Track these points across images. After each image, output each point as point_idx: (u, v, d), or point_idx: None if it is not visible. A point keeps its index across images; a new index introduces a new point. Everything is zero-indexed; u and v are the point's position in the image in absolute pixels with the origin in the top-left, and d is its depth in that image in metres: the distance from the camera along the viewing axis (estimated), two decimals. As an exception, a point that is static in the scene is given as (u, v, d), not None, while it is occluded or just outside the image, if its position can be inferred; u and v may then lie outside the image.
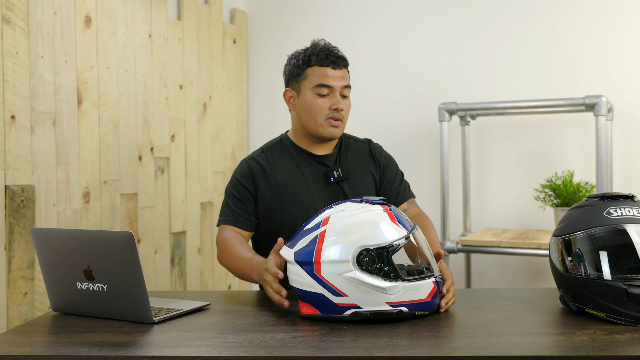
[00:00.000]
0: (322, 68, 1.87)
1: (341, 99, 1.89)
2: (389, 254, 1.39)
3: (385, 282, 1.38)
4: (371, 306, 1.40)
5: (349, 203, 1.50)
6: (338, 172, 1.91)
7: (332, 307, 1.42)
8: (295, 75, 1.92)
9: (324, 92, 1.87)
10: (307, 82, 1.89)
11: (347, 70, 1.93)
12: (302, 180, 1.91)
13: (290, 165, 1.93)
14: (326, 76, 1.87)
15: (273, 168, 1.93)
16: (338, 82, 1.88)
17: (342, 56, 1.92)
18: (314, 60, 1.88)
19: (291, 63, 1.94)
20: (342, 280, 1.39)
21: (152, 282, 2.62)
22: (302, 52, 1.92)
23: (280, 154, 1.96)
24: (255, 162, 1.94)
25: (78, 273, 1.49)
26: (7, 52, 2.00)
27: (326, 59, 1.87)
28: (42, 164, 2.12)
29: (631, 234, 1.36)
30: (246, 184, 1.91)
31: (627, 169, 2.70)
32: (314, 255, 1.42)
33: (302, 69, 1.90)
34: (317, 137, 1.92)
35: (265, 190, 1.90)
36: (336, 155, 1.97)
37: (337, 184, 1.92)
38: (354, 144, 2.03)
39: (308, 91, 1.89)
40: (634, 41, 2.68)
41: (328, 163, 1.94)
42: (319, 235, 1.44)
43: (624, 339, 1.26)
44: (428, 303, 1.44)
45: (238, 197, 1.90)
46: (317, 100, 1.87)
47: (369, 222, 1.41)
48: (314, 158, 1.95)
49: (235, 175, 1.95)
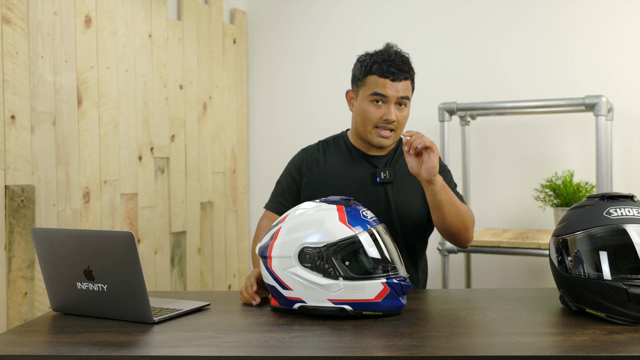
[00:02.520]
0: (381, 79, 1.86)
1: (395, 109, 1.88)
2: (330, 253, 1.44)
3: (324, 280, 1.44)
4: (314, 302, 1.46)
5: (308, 202, 1.57)
6: (385, 174, 1.93)
7: (283, 300, 1.51)
8: (356, 79, 1.94)
9: (379, 99, 1.87)
10: (365, 88, 1.89)
11: (410, 82, 1.92)
12: (347, 176, 1.95)
13: (340, 160, 1.98)
14: (383, 86, 1.86)
15: (324, 160, 2.00)
16: (394, 94, 1.86)
17: (404, 68, 1.89)
18: (375, 69, 1.88)
19: (356, 66, 1.95)
20: (287, 275, 1.48)
21: (152, 282, 2.62)
22: (369, 57, 1.92)
23: (336, 148, 2.02)
24: (307, 153, 2.03)
25: (78, 273, 1.49)
26: (7, 52, 2.00)
27: (387, 70, 1.86)
28: (42, 164, 2.12)
29: (631, 234, 1.36)
30: (293, 172, 2.01)
31: (627, 169, 2.70)
32: (268, 250, 1.52)
33: (363, 75, 1.90)
34: (367, 142, 1.94)
35: (312, 179, 1.97)
36: (389, 158, 1.98)
37: (382, 185, 1.93)
38: None
39: (364, 98, 1.89)
40: (634, 41, 2.68)
41: (378, 164, 1.96)
42: (275, 232, 1.53)
43: (624, 339, 1.26)
44: (377, 304, 1.45)
45: (284, 185, 2.02)
46: (370, 108, 1.88)
47: (316, 221, 1.48)
48: (365, 157, 1.97)
49: (288, 165, 2.05)
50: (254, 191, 3.34)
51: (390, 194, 1.91)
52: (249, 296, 1.66)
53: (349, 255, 1.46)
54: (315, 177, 1.97)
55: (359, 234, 1.46)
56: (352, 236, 1.46)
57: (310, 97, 3.25)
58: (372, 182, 1.93)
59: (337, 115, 3.11)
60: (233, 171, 3.20)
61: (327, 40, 3.20)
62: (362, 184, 1.93)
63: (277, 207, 1.99)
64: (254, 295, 1.66)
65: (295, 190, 1.99)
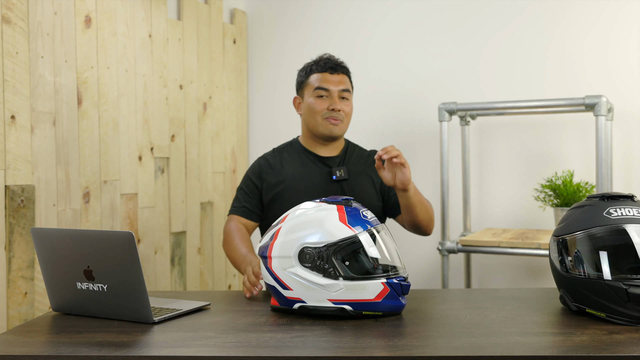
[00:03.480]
0: (321, 74, 2.09)
1: (340, 101, 2.08)
2: (330, 253, 1.44)
3: (324, 280, 1.44)
4: (314, 302, 1.46)
5: (308, 202, 1.58)
6: (340, 172, 2.09)
7: (283, 300, 1.51)
8: (300, 84, 2.16)
9: (322, 94, 2.08)
10: (309, 87, 2.11)
11: (347, 77, 2.13)
12: (304, 177, 2.10)
13: (296, 164, 2.14)
14: (324, 80, 2.08)
15: (280, 165, 2.14)
16: (335, 86, 2.08)
17: (340, 63, 2.13)
18: (314, 68, 2.12)
19: (299, 75, 2.17)
20: (287, 275, 1.48)
21: (152, 282, 2.62)
22: (308, 64, 2.15)
23: (289, 153, 2.17)
24: (265, 160, 2.17)
25: (78, 273, 1.49)
26: (7, 52, 2.00)
27: (324, 65, 2.10)
28: (42, 164, 2.12)
29: (631, 234, 1.36)
30: (254, 179, 2.14)
31: (627, 169, 2.70)
32: (268, 250, 1.52)
33: (305, 77, 2.13)
34: (319, 136, 2.11)
35: (271, 184, 2.11)
36: (341, 157, 2.15)
37: (338, 183, 2.09)
38: (359, 152, 2.22)
39: (309, 95, 2.10)
40: (634, 41, 2.68)
41: (331, 164, 2.12)
42: (275, 232, 1.53)
43: (624, 339, 1.26)
44: (377, 304, 1.45)
45: (245, 190, 2.14)
46: (317, 102, 2.08)
47: (316, 221, 1.48)
48: (318, 159, 2.14)
49: (247, 172, 2.19)
50: (254, 191, 3.34)
51: (347, 191, 2.08)
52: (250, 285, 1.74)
53: (349, 255, 1.46)
54: (275, 181, 2.11)
55: (359, 234, 1.46)
56: (352, 236, 1.46)
57: (310, 97, 3.25)
58: (328, 180, 2.10)
59: (337, 115, 3.11)
60: (233, 171, 3.20)
61: (327, 40, 3.20)
62: (319, 183, 2.08)
63: (242, 210, 2.12)
64: (256, 282, 1.74)
65: (257, 195, 2.13)
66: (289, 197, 2.06)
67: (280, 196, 2.08)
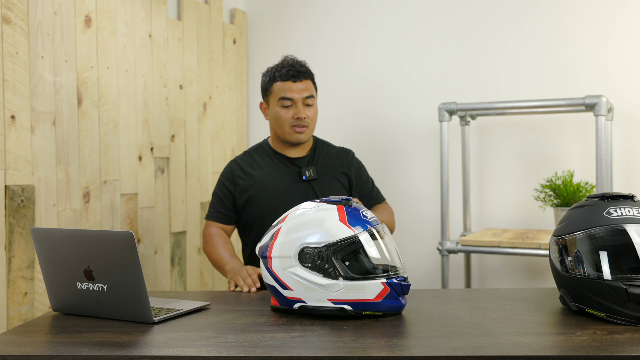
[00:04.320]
0: (284, 82, 2.13)
1: (304, 108, 2.13)
2: (330, 253, 1.44)
3: (324, 280, 1.44)
4: (314, 302, 1.46)
5: (309, 202, 1.58)
6: (309, 172, 2.15)
7: (283, 300, 1.51)
8: (265, 90, 2.20)
9: (287, 104, 2.12)
10: (273, 96, 2.16)
11: (310, 81, 2.17)
12: (274, 179, 2.15)
13: (266, 166, 2.19)
14: (288, 90, 2.12)
15: (251, 168, 2.19)
16: (299, 95, 2.12)
17: (302, 70, 2.15)
18: (277, 75, 2.14)
19: (262, 80, 2.20)
20: (287, 275, 1.48)
21: (152, 282, 2.62)
22: (270, 69, 2.18)
23: (260, 156, 2.22)
24: (236, 164, 2.22)
25: (78, 273, 1.49)
26: (7, 52, 2.00)
27: (286, 74, 2.13)
28: (42, 164, 2.12)
29: (631, 234, 1.36)
30: (227, 183, 2.19)
31: (627, 169, 2.70)
32: (268, 250, 1.52)
33: (269, 85, 2.17)
34: (286, 142, 2.17)
35: (243, 187, 2.16)
36: (309, 157, 2.21)
37: (307, 183, 2.14)
38: (328, 150, 2.28)
39: (274, 104, 2.15)
40: (634, 41, 2.68)
41: (300, 164, 2.18)
42: (275, 232, 1.53)
43: (624, 339, 1.26)
44: (377, 304, 1.45)
45: (219, 195, 2.20)
46: (282, 112, 2.13)
47: (316, 221, 1.48)
48: (288, 160, 2.19)
49: (220, 177, 2.23)
50: (254, 191, 3.34)
51: (317, 190, 2.14)
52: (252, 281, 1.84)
53: (349, 255, 1.46)
54: (247, 184, 2.16)
55: (359, 234, 1.46)
56: (352, 236, 1.46)
57: (310, 97, 3.25)
58: (298, 180, 2.15)
59: (337, 115, 3.11)
60: (233, 171, 3.20)
61: (327, 40, 3.20)
62: (289, 184, 2.14)
63: (218, 216, 2.18)
64: (257, 280, 1.84)
65: (231, 199, 2.17)
66: (260, 199, 2.13)
67: (253, 198, 2.14)
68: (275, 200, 2.11)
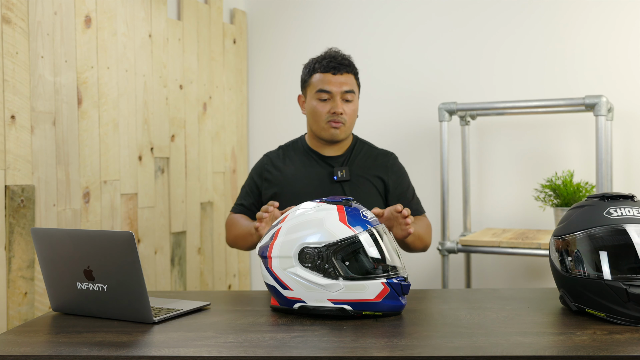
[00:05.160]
0: (324, 74, 2.02)
1: (342, 103, 2.01)
2: (330, 253, 1.44)
3: (324, 280, 1.44)
4: (314, 302, 1.46)
5: (308, 202, 1.57)
6: (342, 173, 2.04)
7: (283, 300, 1.50)
8: (303, 82, 2.09)
9: (324, 97, 2.01)
10: (311, 88, 2.05)
11: (352, 75, 2.05)
12: (304, 177, 2.06)
13: (298, 163, 2.10)
14: (327, 82, 2.01)
15: (283, 164, 2.12)
16: (338, 88, 2.01)
17: (345, 62, 2.03)
18: (317, 67, 2.03)
19: (303, 71, 2.10)
20: (287, 275, 1.47)
21: (152, 282, 2.62)
22: (312, 60, 2.08)
23: (294, 151, 2.14)
24: (268, 158, 2.16)
25: (78, 273, 1.49)
26: (7, 52, 2.00)
27: (327, 65, 2.01)
28: (42, 164, 2.12)
29: (631, 234, 1.36)
30: (255, 177, 2.14)
31: (627, 169, 2.70)
32: (268, 250, 1.51)
33: (308, 76, 2.06)
34: (321, 138, 2.06)
35: (270, 182, 2.10)
36: (345, 157, 2.09)
37: (339, 184, 2.04)
38: (367, 150, 2.15)
39: (311, 97, 2.05)
40: (634, 41, 2.68)
41: (334, 164, 2.07)
42: (275, 232, 1.52)
43: (624, 339, 1.26)
44: (377, 304, 1.44)
45: (247, 189, 2.16)
46: (318, 105, 2.02)
47: (316, 221, 1.48)
48: (322, 158, 2.09)
49: (251, 170, 2.18)
50: (254, 191, 3.34)
51: (347, 192, 2.03)
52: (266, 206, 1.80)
53: (349, 255, 1.46)
54: (275, 179, 2.09)
55: (359, 234, 1.46)
56: (352, 236, 1.45)
57: (310, 97, 3.25)
58: (329, 180, 2.05)
59: (337, 115, 3.11)
60: (233, 171, 3.20)
61: (327, 40, 3.19)
62: (319, 183, 2.04)
63: (241, 209, 2.13)
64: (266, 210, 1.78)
65: (257, 193, 2.13)
66: (285, 196, 2.04)
67: (278, 195, 2.06)
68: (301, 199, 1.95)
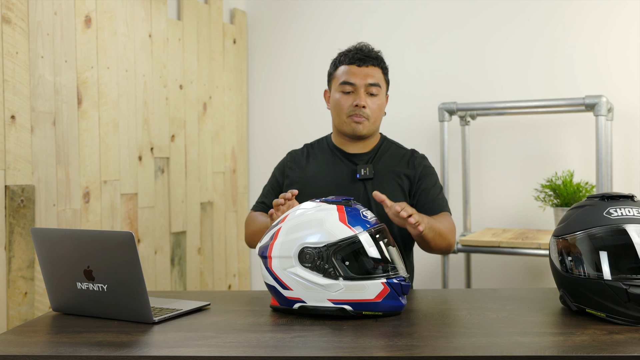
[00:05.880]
0: (349, 66, 1.94)
1: (366, 96, 1.92)
2: (330, 253, 1.43)
3: (324, 280, 1.44)
4: (314, 302, 1.46)
5: (308, 202, 1.56)
6: (365, 170, 1.94)
7: (283, 300, 1.50)
8: (329, 76, 2.01)
9: (347, 89, 1.92)
10: (335, 80, 1.97)
11: (379, 69, 1.96)
12: (326, 175, 1.98)
13: (322, 161, 2.02)
14: (351, 74, 1.92)
15: (306, 162, 2.04)
16: (362, 80, 1.92)
17: (372, 55, 1.95)
18: (342, 59, 1.96)
19: (330, 65, 2.02)
20: (287, 275, 1.47)
21: (152, 282, 2.62)
22: (339, 53, 2.00)
23: (319, 149, 2.06)
24: (291, 155, 2.09)
25: (78, 273, 1.49)
26: (7, 52, 2.00)
27: (352, 57, 1.94)
28: (42, 164, 2.12)
29: (631, 234, 1.36)
30: (277, 175, 2.08)
31: (627, 169, 2.70)
32: (268, 250, 1.50)
33: (334, 69, 1.99)
34: (344, 134, 1.98)
35: (292, 179, 2.02)
36: (371, 156, 2.00)
37: (362, 182, 1.95)
38: (394, 150, 2.04)
39: (335, 89, 1.96)
40: (634, 41, 2.68)
41: (358, 162, 1.98)
42: (275, 232, 1.52)
43: (624, 339, 1.26)
44: (377, 304, 1.44)
45: (268, 187, 2.09)
46: (341, 98, 1.94)
47: (316, 221, 1.48)
48: (346, 156, 2.00)
49: (274, 169, 2.12)
50: (254, 191, 3.34)
51: (369, 191, 1.92)
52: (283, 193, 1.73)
53: (349, 255, 1.46)
54: (297, 177, 2.02)
55: (359, 234, 1.46)
56: (352, 236, 1.45)
57: (310, 97, 3.25)
58: (351, 179, 1.96)
59: (337, 115, 3.11)
60: (233, 171, 3.20)
61: (327, 40, 3.19)
62: (341, 182, 1.95)
63: (261, 206, 2.06)
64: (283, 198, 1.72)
65: (278, 191, 2.05)
66: (306, 193, 1.93)
67: (300, 193, 1.93)
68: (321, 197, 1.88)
